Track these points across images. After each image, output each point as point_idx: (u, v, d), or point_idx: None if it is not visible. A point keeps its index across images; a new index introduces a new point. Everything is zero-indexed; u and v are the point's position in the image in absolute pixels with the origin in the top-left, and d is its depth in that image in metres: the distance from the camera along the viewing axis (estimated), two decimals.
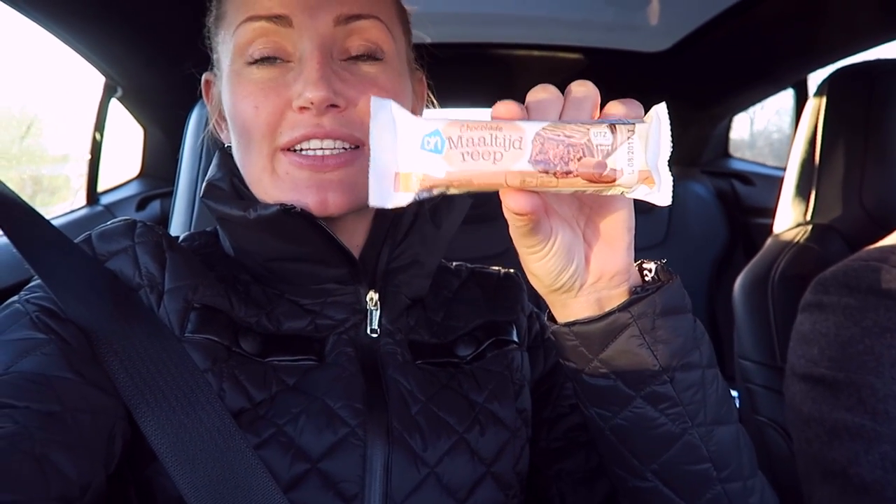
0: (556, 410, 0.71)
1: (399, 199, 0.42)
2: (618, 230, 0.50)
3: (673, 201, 1.65)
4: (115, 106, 1.62)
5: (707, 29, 1.64)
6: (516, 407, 0.67)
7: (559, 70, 2.01)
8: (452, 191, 0.43)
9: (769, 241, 1.17)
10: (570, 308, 0.53)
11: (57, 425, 0.48)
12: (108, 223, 0.65)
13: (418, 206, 0.68)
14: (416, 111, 0.74)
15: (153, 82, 1.53)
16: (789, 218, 1.16)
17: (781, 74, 1.82)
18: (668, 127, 0.43)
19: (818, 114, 1.12)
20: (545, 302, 0.55)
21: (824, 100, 1.11)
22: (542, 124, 0.41)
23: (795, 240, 1.08)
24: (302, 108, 0.59)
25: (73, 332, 0.55)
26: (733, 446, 0.55)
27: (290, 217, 0.59)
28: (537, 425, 0.70)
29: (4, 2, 1.02)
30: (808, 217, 1.11)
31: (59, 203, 1.68)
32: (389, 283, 0.68)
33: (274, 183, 0.62)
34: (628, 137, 0.42)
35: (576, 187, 0.43)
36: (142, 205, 1.74)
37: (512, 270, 0.79)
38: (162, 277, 0.61)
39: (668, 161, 0.45)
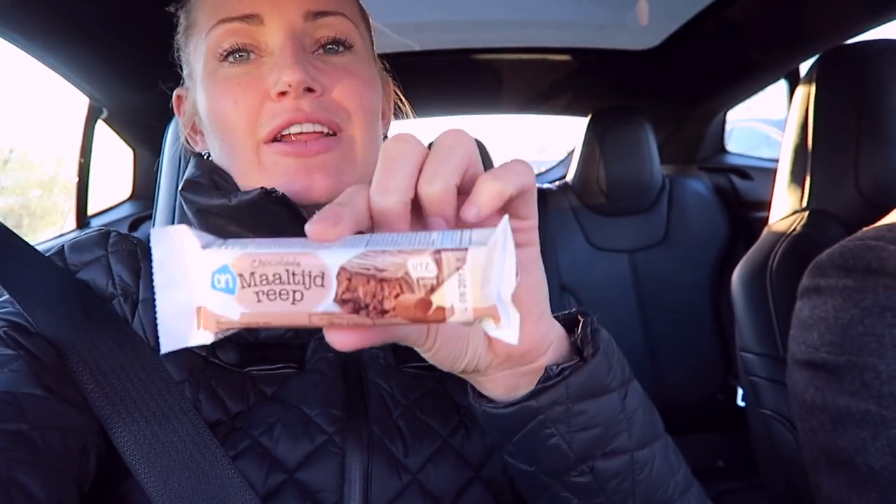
0: None
1: (200, 337, 0.35)
2: (526, 302, 0.42)
3: (671, 199, 1.64)
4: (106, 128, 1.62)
5: (695, 23, 1.64)
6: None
7: (548, 72, 2.00)
8: (258, 328, 0.36)
9: (765, 230, 1.15)
10: (482, 386, 0.47)
11: (24, 445, 0.46)
12: (83, 233, 0.63)
13: None
14: (385, 114, 0.74)
15: (139, 102, 1.52)
16: (785, 206, 1.14)
17: (773, 65, 1.81)
18: (513, 247, 0.34)
19: (809, 98, 1.10)
20: None
21: (814, 84, 1.09)
22: (349, 254, 0.33)
23: (792, 227, 1.06)
24: (280, 94, 0.58)
25: (42, 346, 0.53)
26: None
27: (272, 202, 0.57)
28: None
29: None
30: (804, 204, 1.09)
31: (49, 227, 1.67)
32: None
33: (262, 174, 0.61)
34: (457, 268, 0.33)
35: (399, 325, 0.34)
36: (134, 226, 1.73)
37: None
38: (136, 287, 0.60)
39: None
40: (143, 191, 1.82)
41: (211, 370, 0.58)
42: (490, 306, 0.33)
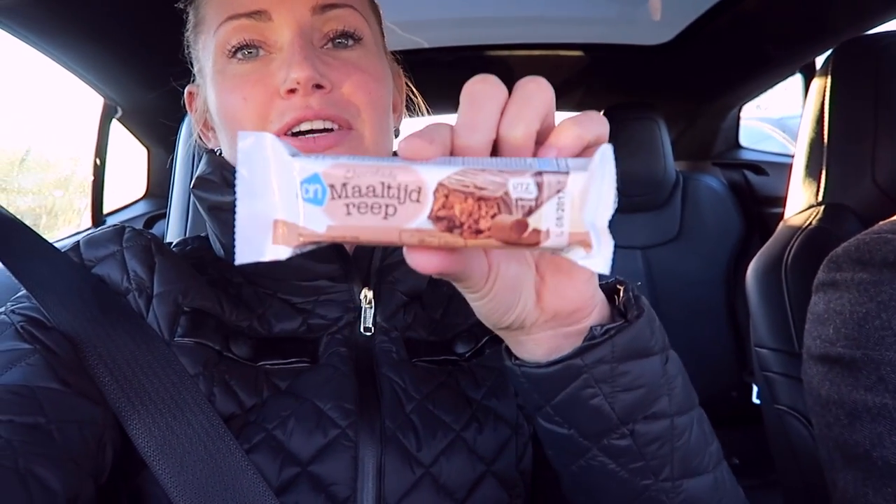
0: None
1: (276, 252, 0.34)
2: None
3: (685, 196, 1.62)
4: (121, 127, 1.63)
5: (709, 18, 1.62)
6: (517, 402, 0.64)
7: (560, 68, 1.99)
8: (342, 241, 0.35)
9: (781, 225, 1.14)
10: (523, 346, 0.46)
11: (41, 438, 0.47)
12: (98, 229, 0.64)
13: None
14: (396, 107, 0.74)
15: (153, 101, 1.53)
16: (801, 200, 1.13)
17: (789, 59, 1.79)
18: (614, 173, 0.34)
19: (824, 92, 1.09)
20: None
21: (830, 77, 1.08)
22: (448, 171, 0.32)
23: (808, 221, 1.05)
24: (289, 92, 0.58)
25: (59, 340, 0.54)
26: (708, 498, 0.49)
27: None
28: None
29: None
30: (820, 198, 1.08)
31: (65, 226, 1.69)
32: (383, 279, 0.66)
33: None
34: (558, 191, 0.33)
35: (489, 247, 0.35)
36: (149, 224, 1.75)
37: None
38: (151, 281, 0.60)
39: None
40: (158, 189, 1.83)
41: (225, 364, 0.58)
42: (584, 232, 0.33)
